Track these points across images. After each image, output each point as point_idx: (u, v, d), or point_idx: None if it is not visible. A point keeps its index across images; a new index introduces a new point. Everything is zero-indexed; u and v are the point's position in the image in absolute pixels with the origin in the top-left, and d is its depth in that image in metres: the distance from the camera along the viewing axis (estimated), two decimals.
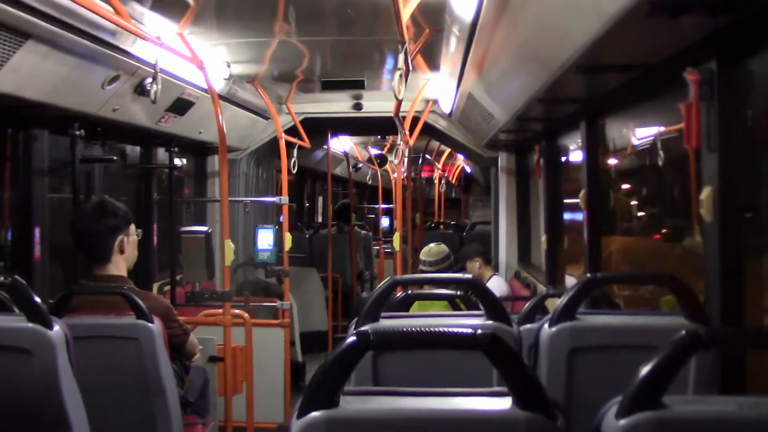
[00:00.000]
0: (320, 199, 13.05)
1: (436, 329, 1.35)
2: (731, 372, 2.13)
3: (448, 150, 10.24)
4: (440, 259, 5.17)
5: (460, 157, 10.90)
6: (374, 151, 10.79)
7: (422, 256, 5.24)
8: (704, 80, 2.17)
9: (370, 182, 11.41)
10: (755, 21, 1.94)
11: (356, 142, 9.75)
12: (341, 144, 9.08)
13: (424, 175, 9.83)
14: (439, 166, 12.36)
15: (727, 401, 1.30)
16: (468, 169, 12.41)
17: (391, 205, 10.82)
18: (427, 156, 10.67)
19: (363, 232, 9.88)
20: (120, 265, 3.21)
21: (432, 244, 5.29)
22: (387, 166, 11.23)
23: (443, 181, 13.31)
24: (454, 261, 5.44)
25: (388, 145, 10.56)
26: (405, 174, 7.92)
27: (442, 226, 10.53)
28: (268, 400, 5.07)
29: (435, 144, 9.52)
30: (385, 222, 12.76)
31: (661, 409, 1.27)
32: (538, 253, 5.65)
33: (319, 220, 12.43)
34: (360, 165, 11.15)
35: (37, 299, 2.32)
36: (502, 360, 1.35)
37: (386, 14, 3.33)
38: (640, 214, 3.84)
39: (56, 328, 2.32)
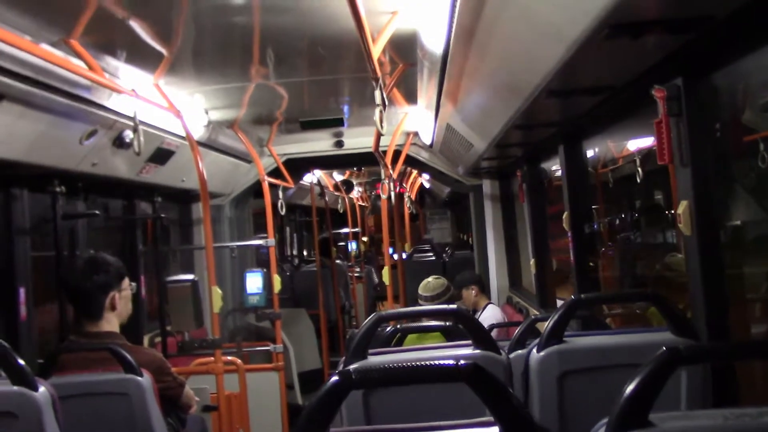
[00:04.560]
0: (287, 231, 13.03)
1: (418, 364, 1.34)
2: (722, 385, 2.12)
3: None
4: (439, 293, 5.08)
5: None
6: (339, 178, 10.82)
7: (420, 290, 5.18)
8: (671, 96, 2.20)
9: (341, 210, 11.48)
10: (715, 37, 1.97)
11: (323, 170, 9.80)
12: (313, 175, 9.15)
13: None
14: (407, 185, 12.38)
15: (713, 415, 1.29)
16: (426, 185, 12.39)
17: (357, 229, 10.86)
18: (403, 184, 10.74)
19: (341, 263, 9.96)
20: (112, 322, 3.15)
21: (430, 278, 5.22)
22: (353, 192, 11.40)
23: (407, 199, 13.32)
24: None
25: (349, 172, 10.57)
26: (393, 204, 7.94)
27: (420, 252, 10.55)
28: None
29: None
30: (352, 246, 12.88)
31: (648, 427, 1.26)
32: (529, 276, 5.65)
33: (288, 253, 12.39)
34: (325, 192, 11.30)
35: (21, 361, 2.29)
36: (486, 390, 1.34)
37: (359, 52, 3.35)
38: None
39: (42, 389, 2.29)
